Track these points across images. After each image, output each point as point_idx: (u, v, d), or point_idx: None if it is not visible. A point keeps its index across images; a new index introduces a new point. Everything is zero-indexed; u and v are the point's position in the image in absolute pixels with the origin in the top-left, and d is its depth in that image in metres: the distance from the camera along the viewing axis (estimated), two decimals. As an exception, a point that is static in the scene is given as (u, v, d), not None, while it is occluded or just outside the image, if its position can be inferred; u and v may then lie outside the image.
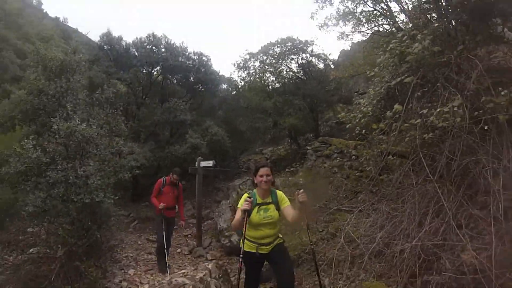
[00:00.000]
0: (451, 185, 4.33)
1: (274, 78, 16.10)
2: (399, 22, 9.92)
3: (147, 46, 14.28)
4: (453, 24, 5.42)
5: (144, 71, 14.32)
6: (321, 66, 15.90)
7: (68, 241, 6.25)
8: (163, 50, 14.48)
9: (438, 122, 4.21)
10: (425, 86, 5.03)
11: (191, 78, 15.33)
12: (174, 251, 9.17)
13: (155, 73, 14.82)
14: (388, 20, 11.20)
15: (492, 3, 4.91)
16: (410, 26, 6.56)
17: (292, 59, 15.51)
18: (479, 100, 4.21)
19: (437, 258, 4.03)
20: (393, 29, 9.93)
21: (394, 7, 10.87)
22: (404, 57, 5.17)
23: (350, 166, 7.58)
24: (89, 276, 6.23)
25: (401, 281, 4.24)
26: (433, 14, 5.78)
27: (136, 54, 14.11)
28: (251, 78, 16.43)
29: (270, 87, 16.13)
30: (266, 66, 15.88)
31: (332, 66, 16.65)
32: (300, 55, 15.34)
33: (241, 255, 3.96)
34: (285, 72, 15.66)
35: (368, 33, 13.25)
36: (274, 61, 15.58)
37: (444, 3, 5.36)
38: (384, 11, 11.27)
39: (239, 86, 17.05)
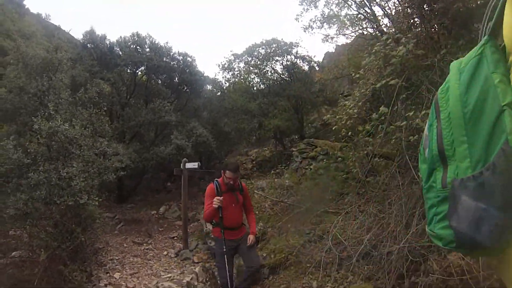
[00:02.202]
0: (436, 186, 4.38)
1: (258, 80, 16.18)
2: (382, 26, 10.06)
3: (131, 46, 14.14)
4: (436, 28, 5.51)
5: (128, 70, 14.14)
6: (306, 68, 16.06)
7: (51, 245, 6.10)
8: (148, 50, 14.37)
9: (423, 124, 4.27)
10: (410, 88, 5.10)
11: (176, 78, 15.27)
12: (161, 254, 9.10)
13: (139, 73, 14.64)
14: (372, 23, 11.36)
15: (473, 9, 5.02)
16: (393, 30, 6.65)
17: (277, 60, 15.63)
18: (462, 103, 4.29)
19: (424, 259, 4.06)
20: (377, 32, 10.07)
21: (378, 11, 11.04)
22: (388, 60, 5.22)
23: (336, 168, 7.61)
24: (73, 280, 6.09)
25: (389, 282, 4.25)
26: (416, 19, 5.88)
27: (120, 53, 13.94)
28: (236, 79, 16.49)
29: (255, 88, 16.20)
30: (251, 68, 15.94)
31: (317, 68, 16.82)
32: (285, 56, 15.47)
33: None
34: (269, 74, 15.77)
35: (352, 36, 13.45)
36: (258, 62, 15.65)
37: (426, 8, 5.45)
38: (368, 15, 11.43)
39: (224, 87, 17.09)
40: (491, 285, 3.34)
